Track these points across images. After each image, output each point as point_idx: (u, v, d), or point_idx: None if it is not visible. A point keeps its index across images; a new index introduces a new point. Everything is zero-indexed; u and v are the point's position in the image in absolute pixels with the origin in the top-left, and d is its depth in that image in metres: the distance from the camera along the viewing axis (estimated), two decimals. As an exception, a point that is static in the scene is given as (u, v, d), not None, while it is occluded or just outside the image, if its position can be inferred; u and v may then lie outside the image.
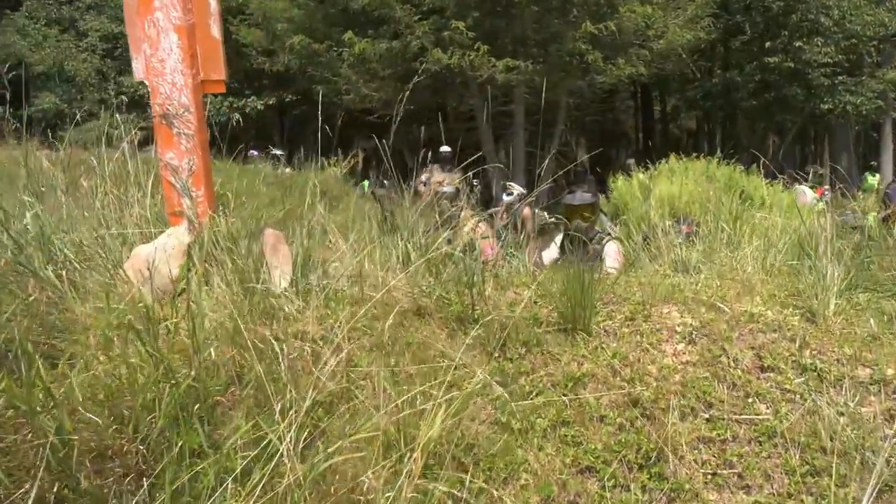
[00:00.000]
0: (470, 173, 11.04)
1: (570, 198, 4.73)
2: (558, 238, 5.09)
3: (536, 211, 10.01)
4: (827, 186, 13.74)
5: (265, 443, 1.75)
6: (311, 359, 2.13)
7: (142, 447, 1.81)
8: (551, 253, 4.97)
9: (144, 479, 1.76)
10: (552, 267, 4.57)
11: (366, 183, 11.95)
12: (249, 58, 16.01)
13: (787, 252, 3.74)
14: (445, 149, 12.57)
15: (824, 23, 16.45)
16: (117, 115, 3.73)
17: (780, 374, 2.25)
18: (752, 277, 3.24)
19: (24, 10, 20.18)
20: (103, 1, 18.91)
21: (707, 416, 2.14)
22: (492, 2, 12.16)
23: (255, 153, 11.22)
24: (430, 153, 12.52)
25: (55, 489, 1.70)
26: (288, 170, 11.96)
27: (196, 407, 1.87)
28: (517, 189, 10.51)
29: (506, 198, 10.21)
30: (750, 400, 2.15)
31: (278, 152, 13.41)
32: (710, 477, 2.00)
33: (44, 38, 19.35)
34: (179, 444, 1.75)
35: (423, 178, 12.69)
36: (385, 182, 12.31)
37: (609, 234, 4.87)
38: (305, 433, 1.82)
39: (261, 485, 1.66)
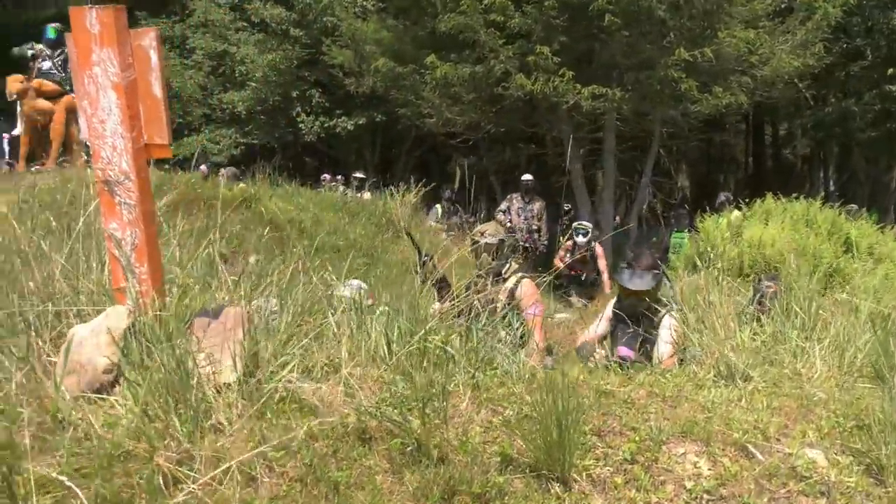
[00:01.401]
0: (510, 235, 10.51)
1: (627, 279, 4.07)
2: (609, 306, 4.51)
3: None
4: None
5: None
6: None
7: None
8: (599, 327, 4.40)
9: None
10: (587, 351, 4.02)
11: (439, 208, 11.61)
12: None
13: (869, 351, 3.08)
14: (527, 177, 12.08)
15: (958, 47, 14.89)
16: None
17: (815, 575, 1.67)
18: (816, 391, 2.62)
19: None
20: (210, 19, 19.41)
21: None
22: (582, 26, 11.59)
23: (327, 177, 11.05)
24: (531, 174, 11.98)
25: None
26: (367, 195, 11.77)
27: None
28: (587, 227, 9.89)
29: (579, 239, 9.60)
30: None
31: (360, 175, 13.28)
32: None
33: (154, 55, 20.06)
34: None
35: (503, 206, 12.23)
36: (458, 208, 11.91)
37: (669, 303, 4.22)
38: None
39: None
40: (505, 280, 4.68)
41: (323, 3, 16.46)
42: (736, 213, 9.67)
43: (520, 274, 4.72)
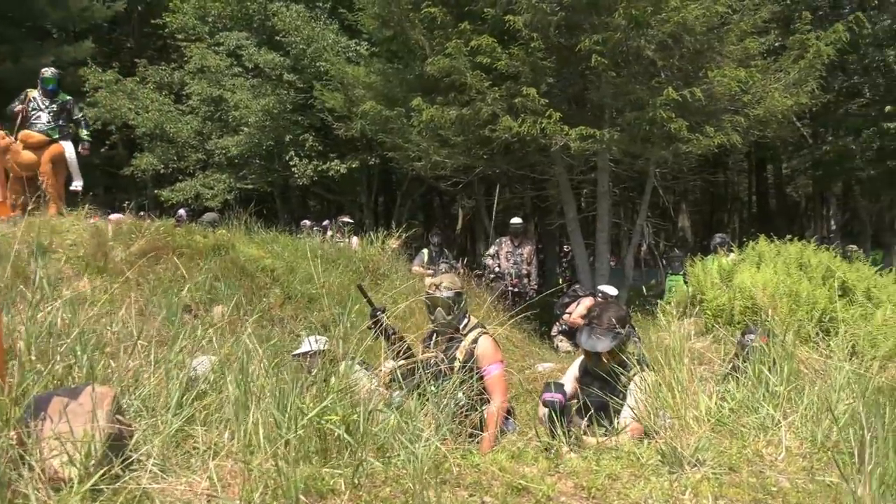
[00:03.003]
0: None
1: (585, 339, 3.74)
2: (575, 365, 4.17)
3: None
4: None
5: None
6: None
7: None
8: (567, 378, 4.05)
9: None
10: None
11: (425, 252, 11.30)
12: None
13: (847, 423, 2.72)
14: (516, 220, 11.78)
15: (958, 84, 14.65)
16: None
17: None
18: (777, 478, 2.26)
19: (136, 76, 21.19)
20: (206, 65, 19.38)
21: None
22: (571, 68, 11.43)
23: (308, 223, 10.80)
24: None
25: None
26: (355, 240, 11.47)
27: None
28: (608, 290, 9.40)
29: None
30: None
31: (346, 219, 13.03)
32: None
33: (150, 101, 20.13)
34: None
35: (492, 250, 11.91)
36: (446, 253, 11.58)
37: (639, 361, 3.85)
38: None
39: None
40: (463, 337, 4.35)
41: (316, 47, 16.43)
42: (731, 255, 9.32)
43: (478, 330, 4.39)
